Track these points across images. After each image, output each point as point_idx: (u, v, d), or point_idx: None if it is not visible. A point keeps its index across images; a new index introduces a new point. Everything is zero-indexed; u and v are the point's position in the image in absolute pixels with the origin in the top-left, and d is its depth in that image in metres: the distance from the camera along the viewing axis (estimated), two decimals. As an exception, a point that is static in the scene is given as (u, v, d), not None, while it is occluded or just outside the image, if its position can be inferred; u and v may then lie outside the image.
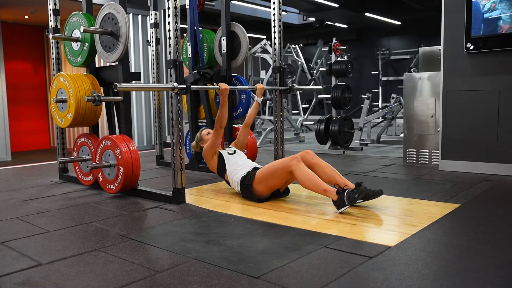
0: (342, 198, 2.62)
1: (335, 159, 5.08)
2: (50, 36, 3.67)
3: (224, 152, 3.31)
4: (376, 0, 10.33)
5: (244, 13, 10.30)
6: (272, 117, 6.72)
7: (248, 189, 3.00)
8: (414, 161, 4.56)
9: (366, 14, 10.75)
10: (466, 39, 3.88)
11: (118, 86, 2.67)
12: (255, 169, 3.08)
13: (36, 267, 1.89)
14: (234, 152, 3.34)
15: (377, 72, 12.73)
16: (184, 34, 4.41)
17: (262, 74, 9.69)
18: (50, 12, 3.88)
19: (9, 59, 7.50)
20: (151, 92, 6.14)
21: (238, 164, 3.18)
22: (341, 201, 2.62)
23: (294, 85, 4.46)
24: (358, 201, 2.73)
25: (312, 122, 8.69)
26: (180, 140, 2.96)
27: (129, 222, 2.59)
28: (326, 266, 1.82)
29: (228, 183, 3.28)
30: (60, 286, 1.69)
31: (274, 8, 3.76)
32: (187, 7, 4.11)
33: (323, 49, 9.70)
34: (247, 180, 3.00)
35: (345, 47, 6.35)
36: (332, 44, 6.13)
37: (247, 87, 4.14)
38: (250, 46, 6.59)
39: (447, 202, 2.88)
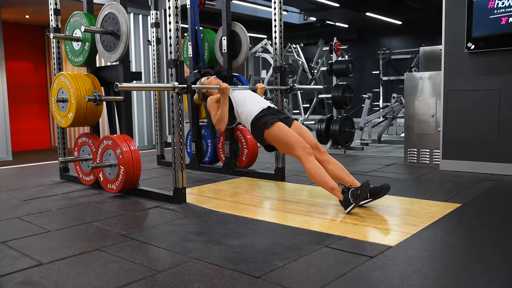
0: (347, 197, 2.62)
1: (336, 158, 5.04)
2: (51, 35, 3.68)
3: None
4: (377, -1, 10.34)
5: (245, 12, 10.30)
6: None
7: (259, 132, 3.06)
8: (415, 161, 4.56)
9: (367, 13, 10.74)
10: (467, 39, 3.88)
11: (119, 85, 2.67)
12: (269, 108, 3.15)
13: (37, 267, 1.89)
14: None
15: (377, 72, 12.71)
16: (185, 34, 4.41)
17: (263, 73, 9.70)
18: (51, 12, 3.89)
19: (10, 58, 7.51)
20: (152, 91, 6.14)
21: (247, 104, 3.22)
22: (346, 200, 2.63)
23: (295, 84, 4.45)
24: (367, 201, 2.71)
25: (313, 122, 8.69)
26: (181, 140, 2.96)
27: (130, 222, 2.60)
28: (326, 265, 1.82)
29: (233, 122, 3.39)
30: (61, 286, 1.69)
31: (275, 8, 3.76)
32: (188, 6, 4.11)
33: (324, 48, 9.67)
34: (262, 124, 3.04)
35: (345, 47, 6.35)
36: (333, 43, 6.13)
37: (248, 86, 4.13)
38: (251, 45, 6.58)
39: (448, 202, 2.87)
